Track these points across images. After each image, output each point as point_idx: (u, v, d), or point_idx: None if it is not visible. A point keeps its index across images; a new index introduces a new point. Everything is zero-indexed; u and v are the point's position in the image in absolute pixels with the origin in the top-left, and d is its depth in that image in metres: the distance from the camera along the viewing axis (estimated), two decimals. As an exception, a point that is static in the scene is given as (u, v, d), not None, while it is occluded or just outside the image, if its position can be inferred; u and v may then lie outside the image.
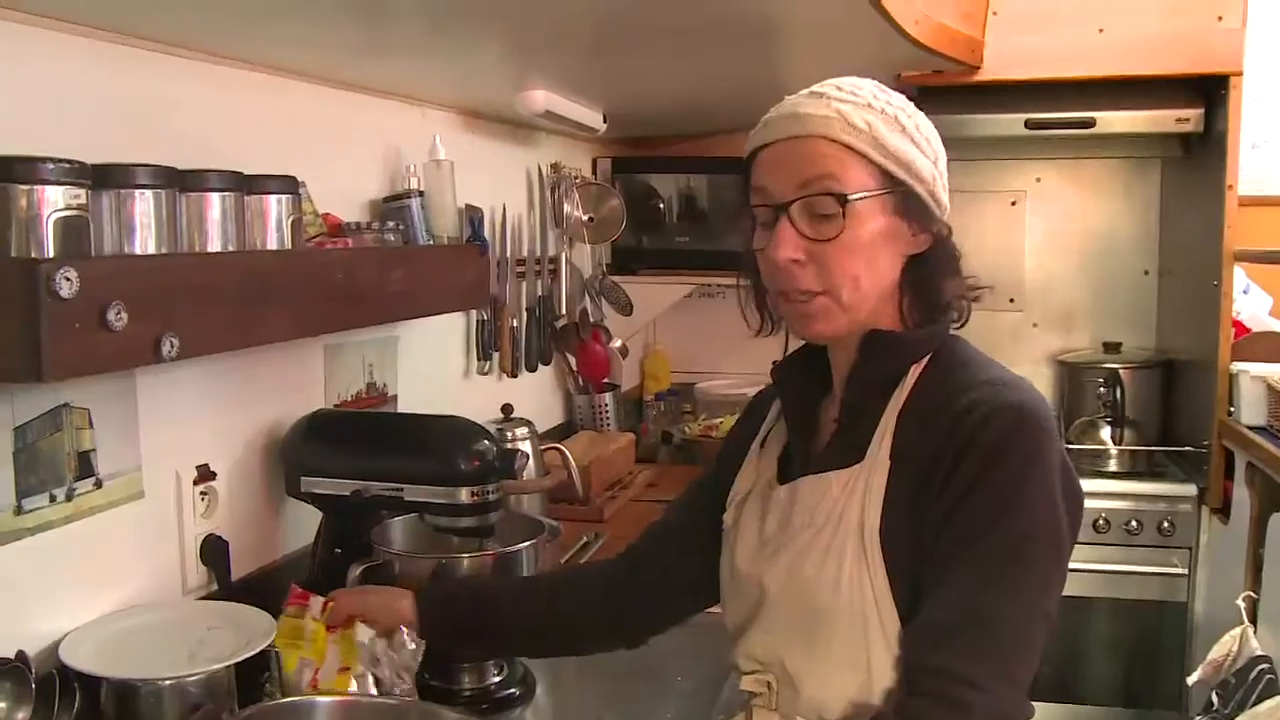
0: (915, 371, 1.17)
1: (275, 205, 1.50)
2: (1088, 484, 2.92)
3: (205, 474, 1.59)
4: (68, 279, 1.06)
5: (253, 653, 1.31)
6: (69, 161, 1.15)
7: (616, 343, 3.18)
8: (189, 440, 1.58)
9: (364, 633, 1.43)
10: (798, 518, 1.18)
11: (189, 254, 1.35)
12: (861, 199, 1.12)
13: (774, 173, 1.15)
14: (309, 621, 1.43)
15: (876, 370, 1.18)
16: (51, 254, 1.12)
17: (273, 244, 1.50)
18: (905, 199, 1.15)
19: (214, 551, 1.56)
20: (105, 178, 1.24)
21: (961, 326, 1.23)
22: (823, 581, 1.13)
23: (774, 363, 1.31)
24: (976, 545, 1.06)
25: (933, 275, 1.19)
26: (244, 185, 1.44)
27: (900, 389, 1.16)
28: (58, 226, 1.14)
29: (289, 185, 1.52)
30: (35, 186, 1.12)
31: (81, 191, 1.16)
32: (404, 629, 1.42)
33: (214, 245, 1.38)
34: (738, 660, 1.24)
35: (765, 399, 1.38)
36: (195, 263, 1.33)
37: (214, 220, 1.39)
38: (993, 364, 1.19)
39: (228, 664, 1.30)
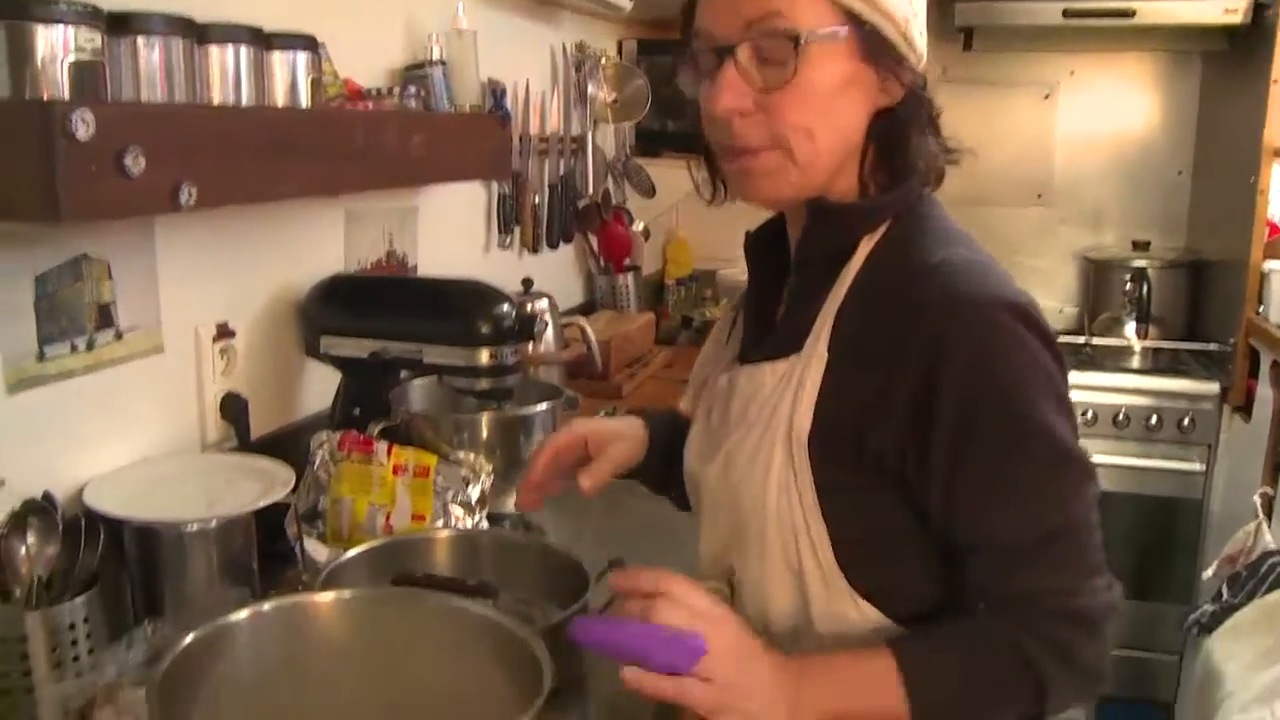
0: (865, 248, 1.02)
1: (295, 62, 1.48)
2: (1109, 379, 2.93)
3: (224, 331, 1.60)
4: (84, 121, 1.04)
5: (274, 499, 1.33)
6: (84, 4, 1.13)
7: (639, 225, 3.17)
8: (208, 298, 1.59)
9: (440, 477, 1.45)
10: (734, 412, 1.08)
11: (208, 105, 1.33)
12: (817, 39, 0.95)
13: (716, 9, 0.99)
14: (376, 466, 1.45)
15: (819, 245, 1.04)
16: (67, 98, 1.11)
17: (291, 102, 1.48)
18: (871, 40, 0.97)
19: (234, 409, 1.58)
20: (121, 25, 1.22)
21: (933, 191, 1.07)
22: (751, 486, 1.03)
23: (746, 233, 1.17)
24: (1006, 467, 0.95)
25: (902, 132, 1.01)
26: (263, 41, 1.42)
27: (847, 269, 1.01)
28: (73, 71, 1.13)
29: (308, 44, 1.50)
30: (51, 26, 1.10)
31: (96, 36, 1.15)
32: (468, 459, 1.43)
33: (232, 100, 1.37)
34: (700, 567, 1.16)
35: None
36: (214, 113, 1.32)
37: (232, 74, 1.37)
38: (954, 237, 1.03)
39: (249, 509, 1.32)
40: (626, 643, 0.86)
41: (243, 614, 0.94)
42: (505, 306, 1.60)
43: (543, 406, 1.64)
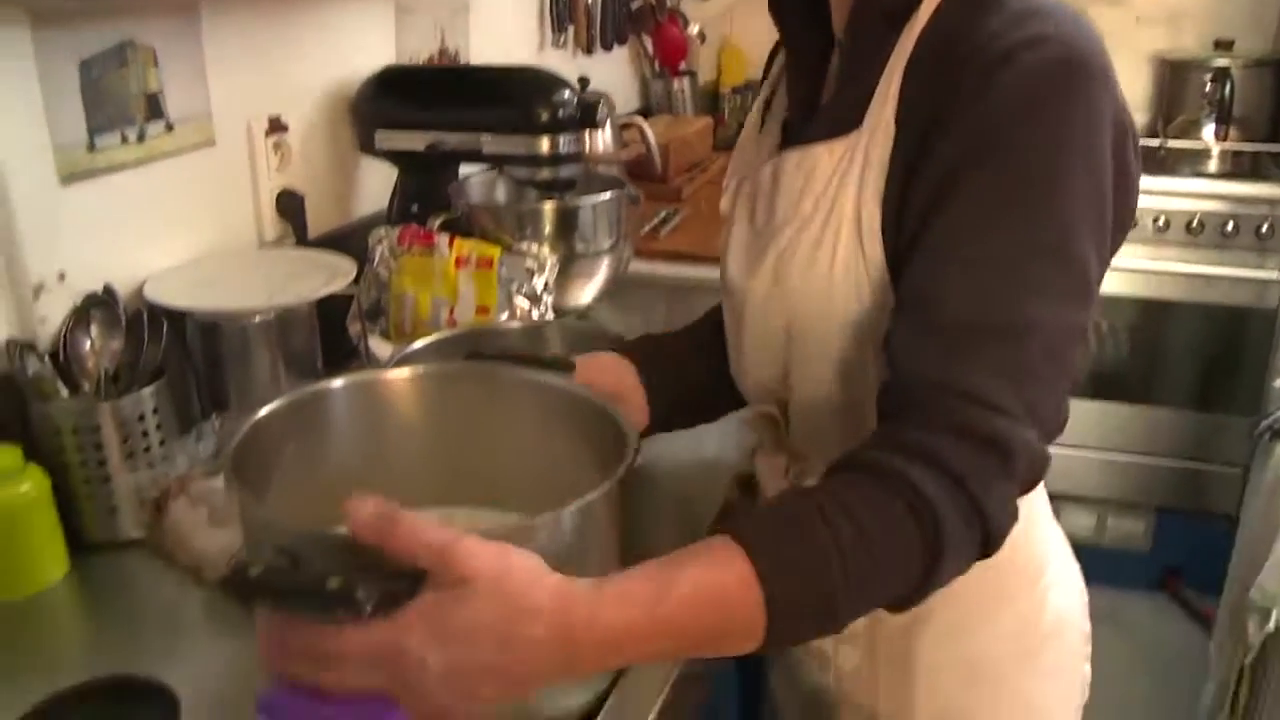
0: (930, 5, 0.84)
1: None
2: (1183, 184, 2.80)
3: (277, 126, 1.54)
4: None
5: (336, 288, 1.30)
6: None
7: (694, 28, 3.03)
8: (258, 91, 1.53)
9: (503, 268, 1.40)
10: (781, 208, 0.91)
11: None
12: None
13: None
14: (438, 259, 1.41)
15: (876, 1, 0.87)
16: None
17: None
18: None
19: (290, 205, 1.54)
20: None
21: None
22: (809, 293, 0.88)
23: None
24: (995, 225, 0.76)
25: None
26: None
27: (910, 27, 0.84)
28: None
29: None
30: None
31: None
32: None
33: None
34: (746, 394, 1.03)
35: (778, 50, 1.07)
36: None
37: None
38: None
39: (312, 298, 1.29)
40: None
41: (317, 387, 0.91)
42: (566, 93, 1.53)
43: (606, 196, 1.58)
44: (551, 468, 0.89)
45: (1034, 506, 0.98)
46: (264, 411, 0.84)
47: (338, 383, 0.92)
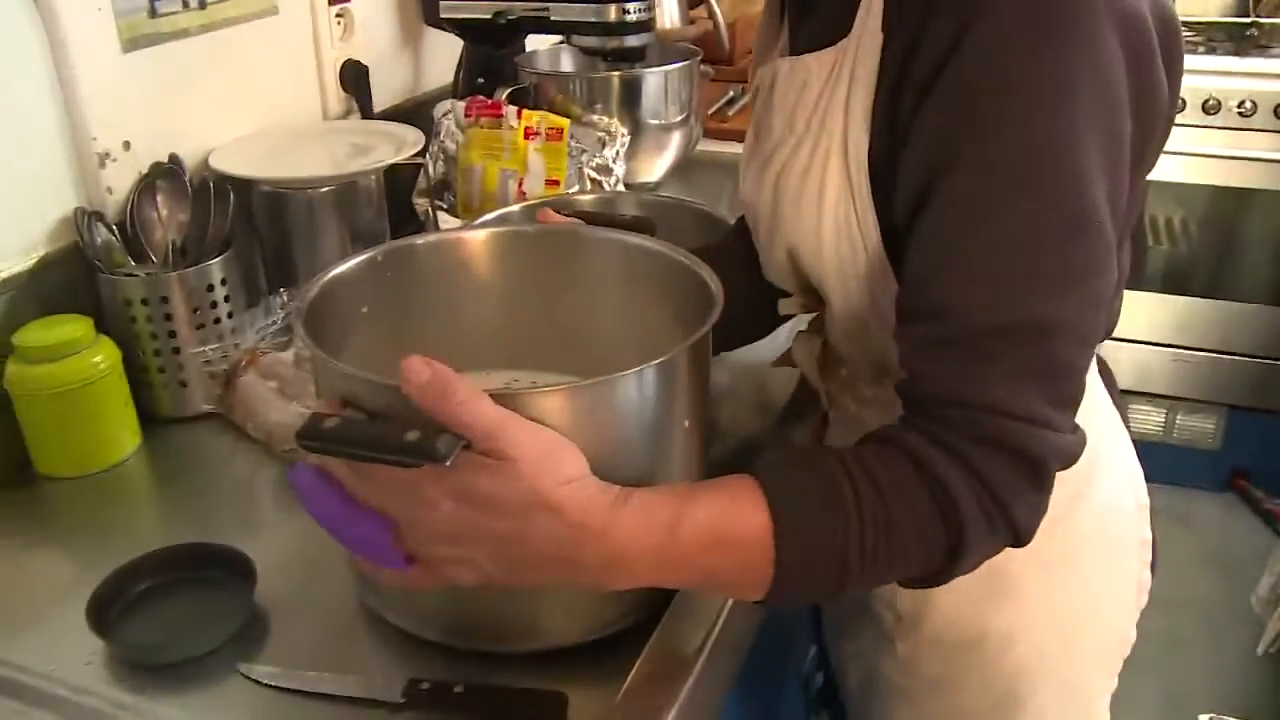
0: None
1: None
2: (1275, 65, 2.64)
3: (340, -6, 1.50)
4: None
5: (404, 157, 1.26)
6: None
7: (761, -97, 2.92)
8: (321, -43, 1.48)
9: (573, 140, 1.36)
10: (778, 123, 0.83)
11: None
12: None
13: None
14: (506, 131, 1.37)
15: None
16: None
17: None
18: None
19: (354, 77, 1.49)
20: None
21: None
22: (802, 225, 0.80)
23: None
24: (1001, 206, 0.66)
25: None
26: None
27: None
28: None
29: None
30: None
31: None
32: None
33: None
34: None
35: None
36: None
37: None
38: None
39: (380, 166, 1.26)
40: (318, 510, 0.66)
41: (395, 244, 0.88)
42: (636, -42, 1.47)
43: (677, 65, 1.52)
44: (633, 329, 0.86)
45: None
46: (340, 267, 0.82)
47: (416, 240, 0.89)
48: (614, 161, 1.36)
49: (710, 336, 0.74)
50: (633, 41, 1.48)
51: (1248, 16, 2.91)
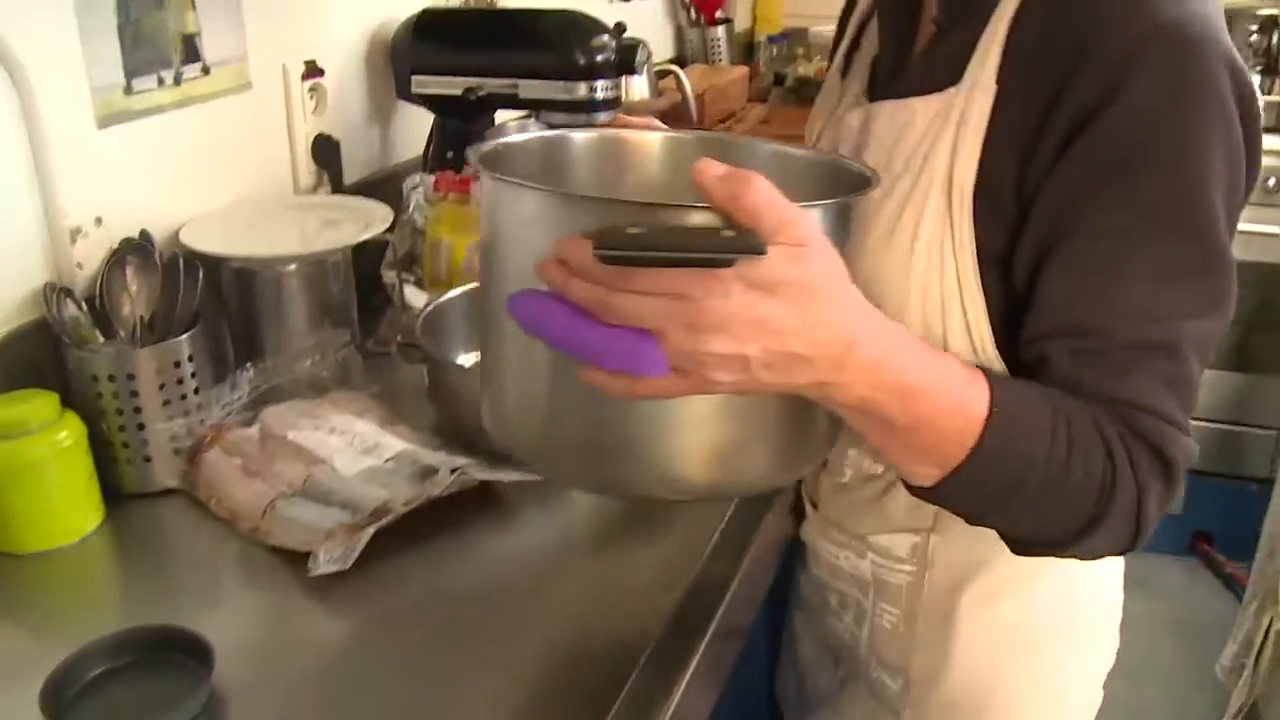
0: None
1: None
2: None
3: (313, 70, 1.52)
4: None
5: (371, 235, 1.28)
6: None
7: (732, -27, 2.99)
8: (294, 34, 1.50)
9: None
10: (872, 159, 0.88)
11: None
12: None
13: None
14: (474, 206, 1.39)
15: None
16: None
17: None
18: None
19: (326, 150, 1.52)
20: None
21: None
22: (891, 254, 0.85)
23: None
24: (1157, 244, 0.75)
25: None
26: None
27: None
28: None
29: None
30: None
31: None
32: None
33: None
34: None
35: None
36: None
37: None
38: None
39: (348, 244, 1.28)
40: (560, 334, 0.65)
41: (560, 133, 0.91)
42: (604, 37, 1.50)
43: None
44: None
45: None
46: (515, 138, 0.86)
47: (580, 134, 0.92)
48: (580, 240, 1.38)
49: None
50: (601, 118, 1.51)
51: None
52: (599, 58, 1.49)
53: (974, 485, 0.74)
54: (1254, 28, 2.96)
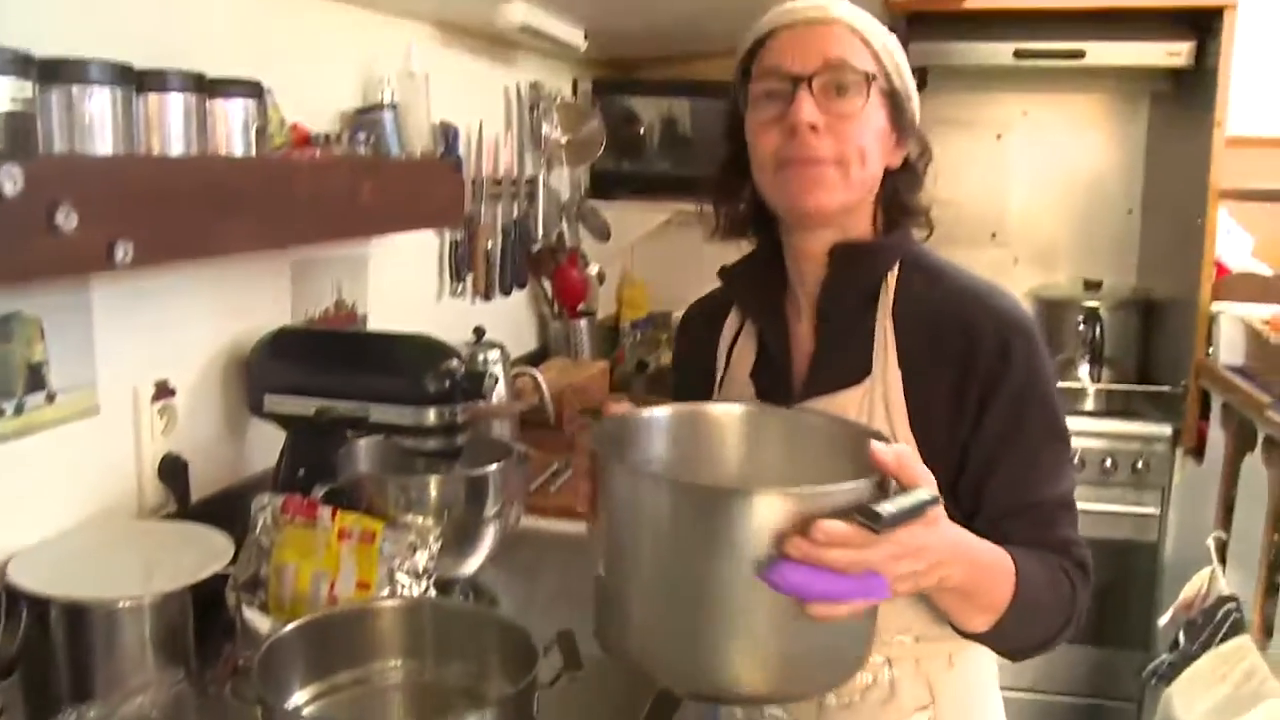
0: (892, 280, 1.19)
1: (238, 110, 1.43)
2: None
3: (164, 390, 1.53)
4: (11, 177, 1.00)
5: (209, 574, 1.27)
6: (14, 52, 1.07)
7: (593, 268, 3.12)
8: (148, 355, 1.52)
9: (386, 543, 1.40)
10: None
11: (145, 157, 1.28)
12: (876, 85, 1.15)
13: (795, 50, 1.15)
14: (320, 531, 1.39)
15: (854, 280, 1.20)
16: (-5, 152, 1.06)
17: (235, 151, 1.43)
18: (899, 107, 1.18)
19: (173, 471, 1.51)
20: (55, 73, 1.16)
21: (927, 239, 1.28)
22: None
23: (722, 268, 1.30)
24: (1045, 446, 1.16)
25: (906, 187, 1.23)
26: (205, 88, 1.37)
27: (884, 298, 1.19)
28: (2, 123, 1.07)
29: (253, 90, 1.45)
30: (-26, 76, 1.05)
31: (27, 85, 1.09)
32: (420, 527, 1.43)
33: (172, 150, 1.32)
34: None
35: (708, 313, 1.34)
36: (151, 166, 1.26)
37: (172, 123, 1.32)
38: (961, 269, 1.23)
39: (185, 583, 1.25)
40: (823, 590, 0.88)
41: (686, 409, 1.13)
42: (454, 363, 1.55)
43: (493, 467, 1.58)
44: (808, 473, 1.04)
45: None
46: (645, 413, 1.09)
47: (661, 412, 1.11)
48: (424, 568, 1.38)
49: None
50: (451, 442, 1.54)
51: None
52: (450, 382, 1.54)
53: (1013, 617, 1.08)
54: (1079, 318, 3.18)
